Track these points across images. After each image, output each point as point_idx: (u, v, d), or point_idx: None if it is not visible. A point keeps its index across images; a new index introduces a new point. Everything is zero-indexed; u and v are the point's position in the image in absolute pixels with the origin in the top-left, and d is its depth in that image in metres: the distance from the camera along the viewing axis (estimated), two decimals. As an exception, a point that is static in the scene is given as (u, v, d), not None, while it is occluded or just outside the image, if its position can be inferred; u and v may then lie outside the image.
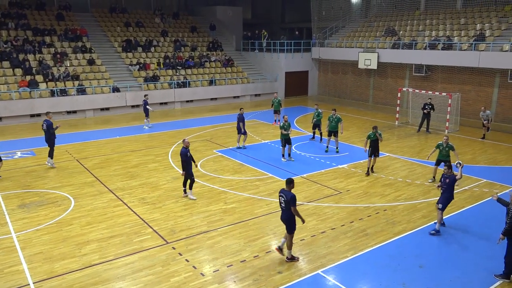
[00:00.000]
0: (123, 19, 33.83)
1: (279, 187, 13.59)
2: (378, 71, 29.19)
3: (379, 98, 29.83)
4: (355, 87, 31.37)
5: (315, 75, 34.66)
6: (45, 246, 9.83)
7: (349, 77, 31.80)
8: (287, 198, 8.85)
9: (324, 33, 34.41)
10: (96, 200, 12.60)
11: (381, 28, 31.02)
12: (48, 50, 27.76)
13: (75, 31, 29.86)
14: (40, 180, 14.39)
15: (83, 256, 9.39)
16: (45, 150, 17.43)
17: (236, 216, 11.48)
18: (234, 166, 15.94)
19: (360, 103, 30.63)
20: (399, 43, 27.52)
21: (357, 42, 30.65)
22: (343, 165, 16.02)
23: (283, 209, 9.06)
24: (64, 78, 25.81)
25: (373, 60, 28.39)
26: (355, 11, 35.59)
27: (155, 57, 31.18)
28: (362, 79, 30.82)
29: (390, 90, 28.70)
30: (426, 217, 11.50)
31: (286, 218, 9.03)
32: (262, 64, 34.76)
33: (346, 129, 22.01)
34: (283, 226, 10.78)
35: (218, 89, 30.52)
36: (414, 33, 28.49)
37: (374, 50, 28.63)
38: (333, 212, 11.77)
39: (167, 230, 10.64)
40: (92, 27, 31.83)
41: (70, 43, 29.00)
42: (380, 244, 9.96)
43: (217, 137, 20.33)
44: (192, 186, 12.77)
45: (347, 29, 34.19)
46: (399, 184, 14.07)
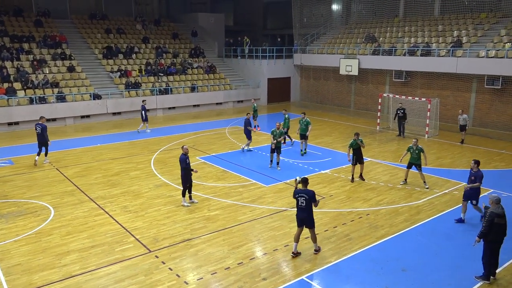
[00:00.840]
0: (103, 26, 33.52)
1: (262, 194, 13.61)
2: (359, 77, 29.55)
3: (360, 103, 30.17)
4: (337, 93, 31.69)
5: (297, 81, 34.90)
6: (24, 258, 9.60)
7: (331, 83, 32.11)
8: (309, 196, 9.44)
9: (306, 40, 34.74)
10: (76, 209, 12.38)
11: (361, 35, 31.46)
12: (26, 57, 27.28)
13: (54, 37, 29.45)
14: (18, 189, 14.08)
15: (63, 267, 9.20)
16: (23, 159, 17.23)
17: (219, 223, 11.43)
18: (217, 173, 15.88)
19: (342, 108, 30.94)
20: (379, 50, 27.95)
21: (338, 48, 31.01)
22: (326, 170, 16.12)
23: (302, 208, 9.54)
24: (43, 86, 25.38)
25: (354, 66, 28.74)
26: (335, 18, 36.05)
27: (136, 64, 30.95)
28: (344, 85, 31.16)
29: (371, 95, 29.07)
30: (408, 220, 11.64)
31: (307, 216, 9.55)
32: (245, 71, 34.85)
33: (329, 135, 22.22)
34: (267, 232, 10.81)
35: (200, 96, 30.45)
36: (393, 40, 28.98)
37: (355, 56, 29.00)
38: (316, 217, 11.74)
39: (149, 239, 10.52)
40: (71, 34, 31.44)
41: (49, 50, 28.57)
42: (364, 249, 10.04)
43: (200, 144, 20.25)
44: (184, 193, 12.70)
45: (328, 36, 34.58)
46: (381, 188, 14.23)
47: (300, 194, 9.52)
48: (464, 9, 27.25)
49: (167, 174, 15.61)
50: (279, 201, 13.01)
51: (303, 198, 9.48)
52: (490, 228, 8.40)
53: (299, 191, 9.60)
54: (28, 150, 18.89)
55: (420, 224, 11.41)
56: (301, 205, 9.54)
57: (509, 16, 25.22)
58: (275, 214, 12.06)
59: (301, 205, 9.54)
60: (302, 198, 9.49)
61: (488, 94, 23.35)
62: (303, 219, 9.59)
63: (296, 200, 9.63)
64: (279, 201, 13.06)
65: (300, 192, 9.54)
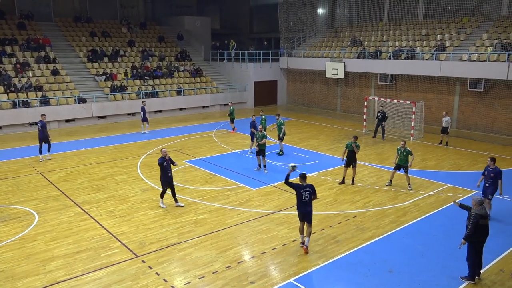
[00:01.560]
0: (88, 29, 33.20)
1: (250, 197, 13.60)
2: (345, 80, 29.79)
3: (346, 106, 30.40)
4: (323, 96, 31.88)
5: (284, 85, 35.03)
6: (7, 264, 9.41)
7: (317, 86, 32.30)
8: (312, 190, 9.73)
9: (292, 43, 34.91)
10: (61, 215, 12.20)
11: (347, 39, 31.75)
12: (9, 60, 26.86)
13: (38, 40, 29.06)
14: (1, 195, 13.81)
15: (48, 273, 9.04)
16: (6, 163, 17.00)
17: (207, 227, 11.38)
18: (205, 176, 15.82)
19: (328, 111, 31.13)
20: (364, 53, 28.22)
21: (324, 52, 31.22)
22: (313, 173, 16.17)
23: (306, 202, 9.73)
24: (26, 89, 25.00)
25: (340, 70, 28.97)
26: (321, 21, 36.31)
27: (122, 67, 30.71)
28: (330, 88, 31.37)
29: (357, 98, 29.32)
30: (394, 222, 11.75)
31: (310, 210, 9.79)
32: (231, 74, 34.85)
33: (315, 138, 22.33)
34: (254, 236, 10.80)
35: (187, 99, 30.34)
36: (378, 43, 29.31)
37: (341, 60, 29.24)
38: (304, 220, 11.82)
39: (136, 243, 10.41)
40: (55, 37, 31.05)
41: (33, 53, 28.17)
42: (351, 251, 10.09)
43: (187, 148, 20.16)
44: (163, 195, 12.68)
45: (314, 39, 34.81)
46: (368, 190, 14.34)
47: (306, 189, 9.73)
48: (447, 13, 27.72)
49: (153, 178, 15.49)
50: (266, 204, 13.01)
51: (308, 192, 9.71)
52: (475, 229, 8.53)
53: (302, 186, 9.75)
54: (12, 154, 18.58)
55: (407, 226, 11.53)
56: (304, 199, 9.75)
57: (491, 20, 25.74)
58: (262, 217, 12.06)
59: (305, 199, 9.75)
60: (307, 192, 9.72)
61: (471, 97, 23.76)
62: (306, 213, 9.82)
63: (300, 194, 9.75)
64: (267, 204, 13.06)
65: (306, 187, 9.75)
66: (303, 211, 9.82)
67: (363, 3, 31.41)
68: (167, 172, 12.46)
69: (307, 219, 9.87)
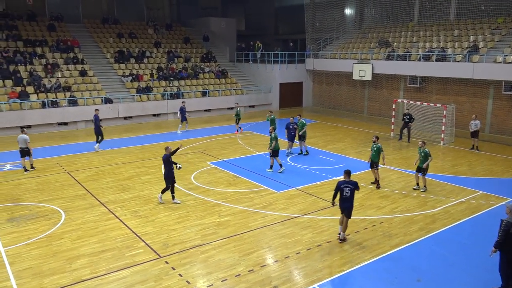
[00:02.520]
0: (115, 30, 33.94)
1: (274, 200, 13.59)
2: (372, 82, 29.42)
3: (374, 109, 30.02)
4: (350, 98, 31.58)
5: (310, 86, 34.87)
6: (35, 261, 9.70)
7: (344, 89, 32.01)
8: (354, 186, 10.34)
9: (318, 44, 34.74)
10: (87, 214, 12.49)
11: (375, 40, 31.36)
12: (39, 61, 27.72)
13: (67, 42, 29.89)
14: (30, 193, 14.25)
15: (73, 271, 9.27)
16: (35, 162, 17.55)
17: (230, 229, 11.42)
18: (228, 178, 15.90)
19: (355, 114, 30.81)
20: (393, 55, 27.81)
21: (351, 53, 30.93)
22: (338, 177, 16.00)
23: (346, 198, 10.36)
24: (55, 90, 25.74)
25: (368, 72, 28.63)
26: (349, 22, 36.00)
27: (148, 68, 31.23)
28: (357, 91, 31.05)
29: (385, 101, 28.91)
30: (423, 229, 11.50)
31: (349, 205, 10.43)
32: (256, 75, 34.94)
33: (341, 141, 22.13)
34: (278, 239, 10.78)
35: (211, 101, 30.59)
36: (408, 45, 28.83)
37: (368, 61, 28.91)
38: (328, 225, 11.75)
39: (160, 244, 10.55)
40: (84, 38, 31.87)
41: (62, 54, 28.99)
42: (377, 257, 9.94)
43: (211, 149, 20.31)
44: (165, 191, 13.24)
45: (341, 40, 34.53)
46: (395, 196, 14.10)
47: (345, 185, 10.32)
48: (481, 13, 27.01)
49: (178, 179, 15.63)
50: (290, 208, 12.97)
51: (348, 188, 10.30)
52: (506, 238, 8.26)
53: (343, 182, 10.39)
54: (40, 153, 19.13)
55: (436, 233, 11.27)
56: (345, 195, 10.35)
57: (528, 21, 24.93)
58: (286, 220, 12.02)
59: (345, 195, 10.35)
60: (348, 188, 10.31)
61: (506, 101, 23.04)
62: (345, 208, 10.46)
63: (341, 190, 10.36)
64: (291, 207, 13.01)
65: (345, 183, 10.34)
66: (343, 206, 10.48)
67: (392, 3, 30.97)
68: (171, 169, 12.92)
69: (346, 213, 10.52)
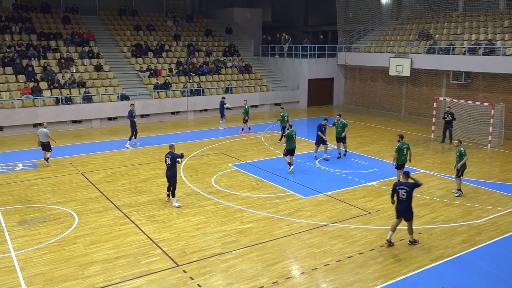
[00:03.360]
0: (133, 22, 34.54)
1: (301, 206, 13.54)
2: (411, 79, 28.97)
3: (412, 108, 29.56)
4: (386, 96, 31.18)
5: (341, 83, 34.60)
6: (46, 267, 9.96)
7: (379, 85, 31.63)
8: (410, 188, 10.56)
9: (351, 37, 34.42)
10: (101, 217, 12.74)
11: (415, 31, 30.87)
12: (53, 55, 28.48)
13: (82, 35, 30.60)
14: (42, 194, 14.65)
15: (86, 279, 9.47)
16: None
17: (253, 237, 11.45)
18: (252, 182, 15.93)
19: (391, 113, 30.41)
20: (434, 48, 27.32)
21: (387, 46, 30.54)
22: (372, 182, 15.85)
23: (402, 200, 10.67)
24: (69, 85, 26.37)
25: (406, 67, 28.21)
26: (385, 12, 35.55)
27: (166, 62, 31.65)
28: (394, 88, 30.63)
29: (425, 99, 28.42)
30: (467, 242, 11.25)
31: (406, 208, 10.69)
32: (283, 71, 34.92)
33: (376, 143, 21.88)
34: (305, 249, 10.73)
35: (234, 98, 30.66)
36: (451, 37, 28.26)
37: (407, 55, 28.48)
38: (361, 234, 11.64)
39: (177, 252, 10.66)
40: (100, 31, 32.57)
41: (77, 47, 29.70)
42: (414, 272, 9.78)
43: (233, 150, 20.40)
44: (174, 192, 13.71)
45: (376, 33, 34.14)
46: (436, 204, 13.83)
47: (401, 186, 10.62)
48: (535, 2, 26.25)
49: (197, 182, 15.82)
50: (319, 215, 12.90)
51: (404, 190, 10.56)
52: None
53: (399, 183, 10.73)
54: (53, 153, 19.59)
55: (481, 247, 11.01)
56: (401, 197, 10.63)
57: None
58: (314, 229, 11.96)
59: (401, 197, 10.63)
60: (403, 190, 10.58)
61: None
62: (402, 211, 10.71)
63: (396, 192, 10.68)
64: (319, 215, 12.94)
65: (401, 184, 10.65)
66: (400, 208, 10.73)
67: (434, -9, 30.44)
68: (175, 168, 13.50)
69: (404, 216, 10.76)
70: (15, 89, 25.32)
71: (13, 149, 20.77)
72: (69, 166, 17.96)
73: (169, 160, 13.28)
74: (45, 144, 17.72)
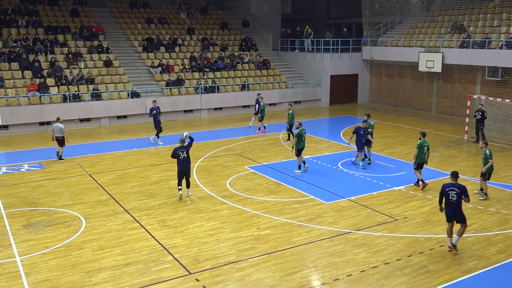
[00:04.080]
0: (144, 15, 34.85)
1: (322, 212, 13.49)
2: (442, 75, 28.66)
3: (444, 107, 29.23)
4: (415, 93, 30.89)
5: (366, 79, 34.38)
6: (52, 273, 10.10)
7: (407, 82, 31.36)
8: (461, 190, 10.61)
9: (378, 30, 34.18)
10: (110, 221, 12.89)
11: (447, 24, 30.53)
12: (60, 50, 28.91)
13: (91, 28, 31.00)
14: (49, 197, 14.89)
15: (93, 286, 9.58)
16: (55, 163, 18.30)
17: (270, 245, 11.44)
18: (269, 185, 15.94)
19: (420, 112, 30.12)
20: (468, 42, 26.98)
21: (417, 40, 30.25)
22: (399, 186, 15.71)
23: (452, 202, 10.70)
24: (77, 82, 26.73)
25: (437, 62, 27.91)
26: (414, 3, 35.20)
27: (179, 57, 31.88)
28: (423, 85, 30.33)
29: (457, 97, 28.11)
30: (503, 252, 11.07)
31: (457, 211, 10.78)
32: (303, 66, 34.84)
33: (404, 144, 21.69)
34: (326, 258, 10.70)
35: (251, 95, 30.65)
36: (487, 29, 27.87)
37: (438, 49, 28.18)
38: (387, 243, 11.55)
39: (190, 259, 10.72)
40: (110, 24, 32.96)
41: (85, 42, 30.10)
42: (445, 284, 9.67)
43: (250, 151, 20.43)
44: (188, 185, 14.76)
45: (405, 25, 33.84)
46: (469, 211, 13.61)
47: (451, 188, 10.66)
48: None
49: (211, 185, 15.89)
50: (341, 222, 12.83)
51: (454, 192, 10.60)
52: None
53: (449, 185, 10.74)
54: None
55: (519, 258, 10.83)
56: (451, 199, 10.66)
57: None
58: (336, 236, 11.90)
59: (452, 200, 10.66)
60: (453, 192, 10.61)
61: None
62: (452, 215, 10.80)
63: (446, 194, 10.73)
64: (342, 221, 12.87)
65: (451, 186, 10.69)
66: (450, 212, 10.79)
67: (468, -20, 30.04)
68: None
69: (457, 219, 10.83)
70: (21, 85, 25.75)
71: (19, 149, 21.15)
72: (76, 167, 18.21)
73: (184, 153, 14.20)
74: (60, 138, 18.59)
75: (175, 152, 14.22)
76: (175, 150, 14.28)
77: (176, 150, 14.25)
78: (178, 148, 14.25)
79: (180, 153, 14.17)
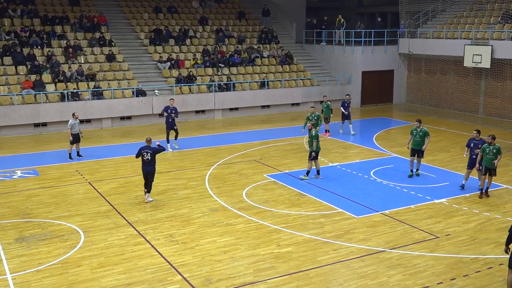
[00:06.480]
0: (152, 4, 35.17)
1: (351, 227, 13.42)
2: (492, 71, 28.35)
3: (493, 108, 28.90)
4: (459, 92, 30.61)
5: (403, 76, 34.15)
6: (47, 293, 10.22)
7: (451, 79, 31.09)
8: None
9: (417, 20, 33.98)
10: (111, 236, 12.99)
11: (497, 12, 30.23)
12: (58, 43, 29.33)
13: (92, 19, 31.38)
14: (44, 207, 15.07)
15: (93, 308, 9.68)
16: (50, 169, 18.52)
17: (292, 264, 11.42)
18: (291, 196, 15.92)
19: (466, 114, 29.82)
20: (522, 33, 26.69)
21: (462, 31, 30.00)
22: (441, 199, 15.56)
23: None
24: (76, 78, 27.03)
25: (485, 56, 27.63)
26: (460, -11, 34.94)
27: (191, 51, 32.06)
28: (470, 82, 30.04)
29: (509, 97, 27.79)
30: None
31: None
32: (331, 61, 34.78)
33: (447, 150, 21.49)
34: (355, 280, 10.65)
35: (271, 94, 30.77)
36: (544, 19, 27.53)
37: (487, 42, 27.90)
38: (426, 264, 11.43)
39: (201, 279, 10.75)
40: (113, 14, 33.35)
41: (86, 34, 30.49)
42: (494, 312, 9.54)
43: (269, 157, 20.44)
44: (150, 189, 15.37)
45: (448, 14, 33.59)
46: (522, 228, 13.42)
47: None
48: None
49: (225, 195, 15.92)
50: (374, 239, 12.75)
51: None
52: None
53: None
54: (56, 158, 20.18)
55: None
56: None
57: None
58: (367, 256, 11.83)
59: None
60: None
61: None
62: None
63: None
64: (374, 238, 12.79)
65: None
66: None
67: (522, -39, 29.70)
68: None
69: None
70: (14, 82, 26.07)
71: (11, 153, 21.42)
72: (74, 174, 18.42)
73: (149, 155, 14.82)
74: (76, 135, 19.76)
75: (140, 151, 15.01)
76: (140, 149, 15.06)
77: (141, 149, 15.03)
78: (143, 148, 15.01)
79: (144, 153, 14.85)
